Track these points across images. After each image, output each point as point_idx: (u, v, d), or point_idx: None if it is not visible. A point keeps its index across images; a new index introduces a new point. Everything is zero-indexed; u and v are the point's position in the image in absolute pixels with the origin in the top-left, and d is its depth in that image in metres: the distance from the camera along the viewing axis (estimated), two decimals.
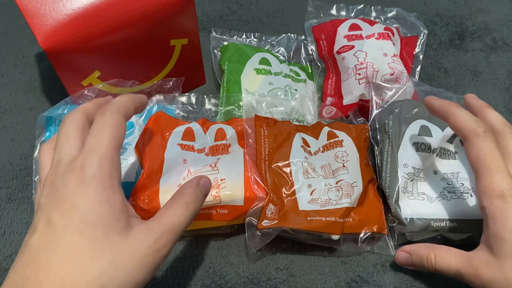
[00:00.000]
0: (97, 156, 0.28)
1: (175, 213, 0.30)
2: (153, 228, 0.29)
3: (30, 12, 0.38)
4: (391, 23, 0.57)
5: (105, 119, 0.30)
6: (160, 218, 0.30)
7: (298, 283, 0.40)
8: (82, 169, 0.28)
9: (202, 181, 0.34)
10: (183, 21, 0.44)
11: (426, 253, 0.36)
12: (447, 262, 0.35)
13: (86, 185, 0.27)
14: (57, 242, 0.26)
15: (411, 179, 0.42)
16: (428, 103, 0.39)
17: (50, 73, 0.53)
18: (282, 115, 0.46)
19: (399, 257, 0.39)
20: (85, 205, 0.27)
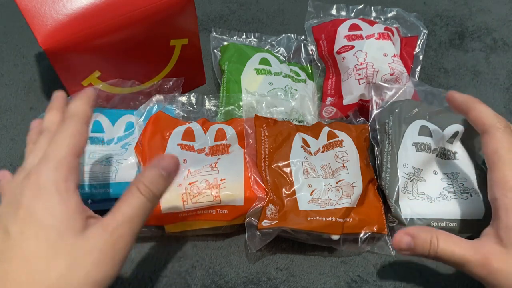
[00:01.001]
0: (53, 161, 0.29)
1: (128, 202, 0.30)
2: (107, 223, 0.29)
3: (30, 12, 0.38)
4: (391, 23, 0.57)
5: (65, 128, 0.31)
6: (114, 212, 0.29)
7: (298, 283, 0.40)
8: (37, 175, 0.28)
9: (163, 162, 0.31)
10: (183, 21, 0.44)
11: (429, 237, 0.34)
12: (451, 248, 0.33)
13: (41, 190, 0.28)
14: (13, 251, 0.27)
15: (411, 179, 0.42)
16: (451, 97, 0.40)
17: (50, 73, 0.53)
18: (282, 115, 0.46)
19: (401, 241, 0.34)
20: (39, 210, 0.27)
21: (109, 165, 0.41)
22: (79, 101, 0.32)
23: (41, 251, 0.26)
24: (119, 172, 0.41)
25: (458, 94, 0.39)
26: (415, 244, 0.34)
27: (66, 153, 0.29)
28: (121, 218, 0.29)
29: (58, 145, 0.30)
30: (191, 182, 0.39)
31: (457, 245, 0.33)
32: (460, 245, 0.33)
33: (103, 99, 0.45)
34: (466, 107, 0.38)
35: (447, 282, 0.40)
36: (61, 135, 0.30)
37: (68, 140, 0.30)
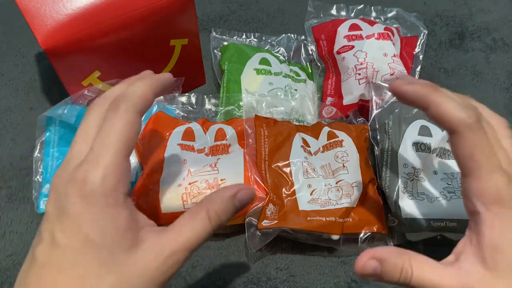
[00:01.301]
0: (100, 168, 0.25)
1: (194, 229, 0.27)
2: (165, 243, 0.26)
3: (30, 12, 0.38)
4: (391, 23, 0.57)
5: (116, 119, 0.26)
6: (176, 232, 0.27)
7: (298, 283, 0.40)
8: (84, 182, 0.25)
9: (240, 193, 0.29)
10: (183, 21, 0.44)
11: (401, 263, 0.27)
12: (428, 277, 0.27)
13: (88, 202, 0.25)
14: (62, 261, 0.25)
15: (411, 179, 0.42)
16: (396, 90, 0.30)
17: (50, 73, 0.53)
18: (282, 115, 0.46)
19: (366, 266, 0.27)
20: (87, 225, 0.25)
21: None
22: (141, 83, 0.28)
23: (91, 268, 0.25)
24: None
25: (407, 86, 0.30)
26: (383, 270, 0.27)
27: (114, 154, 0.26)
28: (182, 243, 0.26)
29: (107, 142, 0.26)
30: (191, 182, 0.39)
31: (435, 273, 0.27)
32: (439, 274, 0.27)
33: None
34: (421, 101, 0.29)
35: None
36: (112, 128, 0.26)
37: (118, 135, 0.26)
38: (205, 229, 0.27)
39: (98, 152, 0.26)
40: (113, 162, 0.26)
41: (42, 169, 0.42)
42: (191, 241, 0.27)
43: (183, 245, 0.26)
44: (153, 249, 0.26)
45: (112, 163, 0.25)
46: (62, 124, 0.43)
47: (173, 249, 0.26)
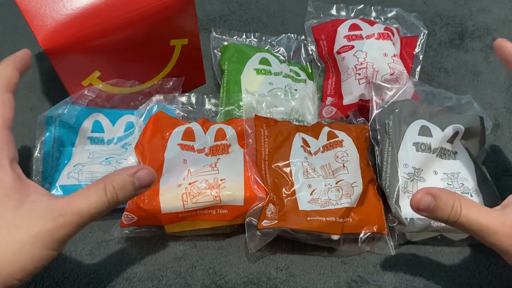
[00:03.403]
0: None
1: (88, 197, 0.29)
2: (55, 206, 0.28)
3: (30, 12, 0.38)
4: (391, 23, 0.57)
5: None
6: (69, 198, 0.29)
7: (298, 283, 0.40)
8: None
9: (140, 172, 0.30)
10: (183, 21, 0.44)
11: (452, 201, 0.31)
12: (475, 216, 0.30)
13: None
14: None
15: (411, 179, 0.42)
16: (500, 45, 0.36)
17: (50, 73, 0.53)
18: (282, 115, 0.46)
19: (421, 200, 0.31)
20: None
21: (109, 165, 0.41)
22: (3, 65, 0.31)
23: None
24: None
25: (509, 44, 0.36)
26: (436, 205, 0.31)
27: None
28: (73, 208, 0.28)
29: None
30: (191, 182, 0.39)
31: (482, 214, 0.30)
32: (485, 215, 0.30)
33: (103, 99, 0.45)
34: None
35: (448, 282, 0.40)
36: None
37: None
38: (100, 200, 0.29)
39: None
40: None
41: (42, 169, 0.42)
42: (83, 208, 0.28)
43: (74, 209, 0.28)
44: (41, 209, 0.28)
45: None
46: (62, 124, 0.43)
47: (62, 211, 0.28)
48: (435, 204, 0.31)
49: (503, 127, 0.51)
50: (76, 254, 0.41)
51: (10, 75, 0.31)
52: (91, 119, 0.44)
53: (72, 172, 0.41)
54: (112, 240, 0.41)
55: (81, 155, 0.42)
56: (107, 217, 0.42)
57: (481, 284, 0.40)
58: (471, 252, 0.42)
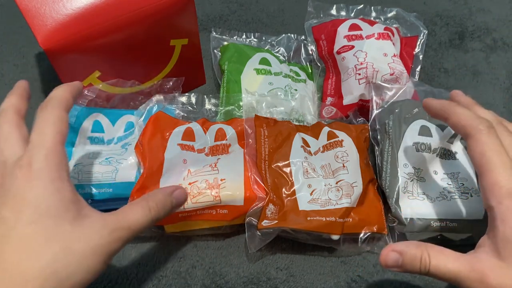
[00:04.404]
0: (42, 150, 0.29)
1: (135, 214, 0.31)
2: (108, 221, 0.29)
3: (30, 12, 0.38)
4: (391, 23, 0.57)
5: (47, 115, 0.31)
6: (119, 214, 0.30)
7: (298, 283, 0.40)
8: (29, 165, 0.28)
9: (177, 192, 0.34)
10: (183, 21, 0.44)
11: (419, 252, 0.31)
12: (444, 263, 0.30)
13: (35, 179, 0.28)
14: (9, 234, 0.27)
15: (411, 179, 0.42)
16: (427, 104, 0.38)
17: (50, 73, 0.53)
18: (282, 115, 0.46)
19: (388, 258, 0.31)
20: (35, 197, 0.27)
21: (109, 165, 0.41)
22: (62, 88, 0.33)
23: (38, 235, 0.27)
24: (119, 172, 0.41)
25: (434, 101, 0.37)
26: (404, 261, 0.31)
27: (53, 141, 0.29)
28: (124, 223, 0.30)
29: (44, 133, 0.30)
30: (191, 182, 0.39)
31: (450, 260, 0.30)
32: (454, 261, 0.30)
33: (103, 99, 0.45)
34: (444, 113, 0.36)
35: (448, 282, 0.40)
36: (45, 122, 0.30)
37: (52, 127, 0.30)
38: (145, 216, 0.31)
39: (37, 141, 0.29)
40: (52, 146, 0.29)
41: None
42: (133, 223, 0.30)
43: (125, 224, 0.30)
44: (97, 223, 0.29)
45: (51, 147, 0.29)
46: None
47: (115, 226, 0.29)
48: (403, 260, 0.31)
49: None
50: None
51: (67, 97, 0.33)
52: (91, 119, 0.44)
53: (72, 172, 0.41)
54: None
55: (81, 155, 0.42)
56: None
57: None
58: None
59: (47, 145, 0.29)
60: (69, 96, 0.33)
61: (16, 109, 0.32)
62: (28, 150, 0.29)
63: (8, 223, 0.27)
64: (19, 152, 0.30)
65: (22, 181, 0.28)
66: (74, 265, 0.27)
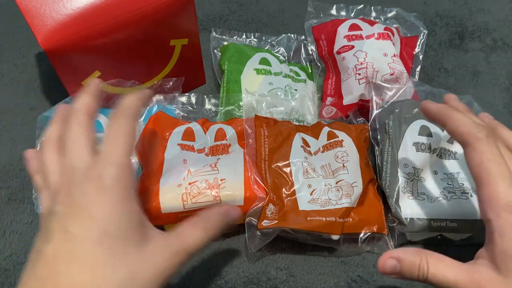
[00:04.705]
0: (114, 165, 0.28)
1: (194, 235, 0.30)
2: (171, 244, 0.29)
3: (30, 12, 0.38)
4: (391, 23, 0.57)
5: (119, 126, 0.30)
6: (179, 236, 0.30)
7: (298, 283, 0.40)
8: (100, 179, 0.27)
9: (232, 212, 0.34)
10: (183, 21, 0.44)
11: (417, 260, 0.30)
12: (442, 272, 0.30)
13: (105, 196, 0.27)
14: (76, 252, 0.26)
15: (411, 179, 0.42)
16: (425, 107, 0.36)
17: (50, 73, 0.53)
18: (282, 115, 0.46)
19: (386, 265, 0.31)
20: (105, 216, 0.27)
21: None
22: (133, 97, 0.32)
23: (105, 258, 0.26)
24: None
25: (431, 104, 0.36)
26: (402, 268, 0.31)
27: (124, 155, 0.29)
28: (185, 248, 0.30)
29: (116, 145, 0.29)
30: (191, 182, 0.39)
31: (449, 269, 0.30)
32: (452, 270, 0.30)
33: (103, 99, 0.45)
34: (442, 117, 0.34)
35: None
36: (117, 134, 0.30)
37: (124, 139, 0.29)
38: (203, 239, 0.31)
39: (109, 154, 0.29)
40: (124, 161, 0.29)
41: None
42: (191, 246, 0.30)
43: (185, 248, 0.29)
44: (160, 247, 0.28)
45: (123, 162, 0.29)
46: None
47: (176, 250, 0.29)
48: (401, 267, 0.31)
49: None
50: None
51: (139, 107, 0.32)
52: None
53: None
54: None
55: None
56: None
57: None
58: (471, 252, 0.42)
59: (119, 160, 0.28)
60: (141, 106, 0.32)
61: (87, 110, 0.32)
62: (99, 162, 0.28)
63: (75, 240, 0.26)
64: (87, 159, 0.29)
65: (91, 196, 0.27)
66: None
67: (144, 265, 0.27)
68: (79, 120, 0.31)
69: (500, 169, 0.30)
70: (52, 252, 0.26)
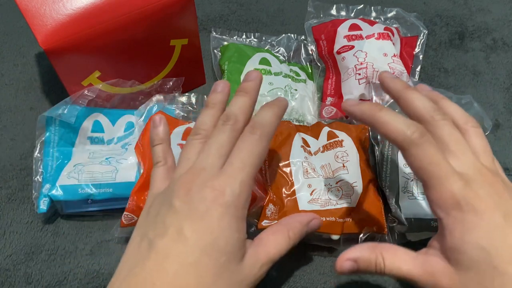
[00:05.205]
0: (239, 183, 0.29)
1: (278, 243, 0.31)
2: (260, 256, 0.30)
3: (30, 12, 0.38)
4: (391, 23, 0.57)
5: (254, 144, 0.31)
6: (265, 246, 0.31)
7: (298, 283, 0.40)
8: (223, 193, 0.28)
9: (313, 222, 0.35)
10: (183, 21, 0.44)
11: (373, 257, 0.31)
12: (397, 266, 0.30)
13: (223, 210, 0.28)
14: (187, 256, 0.27)
15: (411, 179, 0.42)
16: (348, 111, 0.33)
17: (50, 73, 0.53)
18: None
19: (344, 267, 0.31)
20: (219, 230, 0.28)
21: (109, 165, 0.41)
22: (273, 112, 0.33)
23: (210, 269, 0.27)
24: (119, 172, 0.41)
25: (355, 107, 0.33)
26: (359, 267, 0.31)
27: (250, 174, 0.30)
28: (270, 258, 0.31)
29: (245, 163, 0.30)
30: None
31: (403, 263, 0.30)
32: (407, 263, 0.30)
33: (103, 99, 0.45)
34: (369, 120, 0.32)
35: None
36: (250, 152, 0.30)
37: (254, 160, 0.30)
38: (286, 247, 0.32)
39: (237, 169, 0.29)
40: (248, 181, 0.30)
41: (42, 169, 0.42)
42: (276, 255, 0.31)
43: (271, 259, 0.31)
44: (252, 261, 0.30)
45: (247, 182, 0.29)
46: (62, 124, 0.43)
47: (264, 261, 0.30)
48: (358, 266, 0.31)
49: (503, 127, 0.51)
50: (76, 254, 0.41)
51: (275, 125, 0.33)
52: (91, 119, 0.44)
53: (72, 172, 0.41)
54: (112, 240, 0.41)
55: (81, 155, 0.42)
56: (107, 217, 0.42)
57: None
58: None
59: (245, 180, 0.29)
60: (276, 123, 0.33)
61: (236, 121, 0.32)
62: (226, 174, 0.29)
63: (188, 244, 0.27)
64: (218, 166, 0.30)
65: (210, 206, 0.28)
66: None
67: (240, 278, 0.28)
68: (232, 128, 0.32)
69: (441, 170, 0.29)
70: (164, 249, 0.27)
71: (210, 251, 0.27)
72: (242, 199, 0.29)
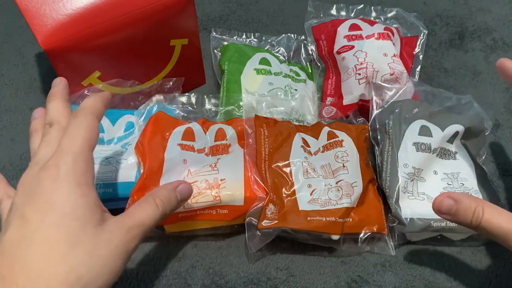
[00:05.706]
0: (71, 154, 0.29)
1: (146, 210, 0.32)
2: (124, 222, 0.30)
3: (30, 12, 0.38)
4: (391, 23, 0.57)
5: (78, 121, 0.31)
6: (131, 214, 0.31)
7: (298, 283, 0.40)
8: (57, 167, 0.29)
9: (180, 187, 0.35)
10: (183, 21, 0.44)
11: (474, 205, 0.32)
12: (497, 220, 0.31)
13: (61, 182, 0.28)
14: (32, 236, 0.27)
15: (411, 179, 0.42)
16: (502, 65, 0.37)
17: (50, 73, 0.53)
18: (282, 115, 0.46)
19: (443, 204, 0.32)
20: (61, 200, 0.28)
21: (109, 165, 0.41)
22: (93, 98, 0.33)
23: (62, 238, 0.27)
24: (119, 172, 0.41)
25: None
26: (458, 209, 0.32)
27: (82, 146, 0.30)
28: (137, 220, 0.31)
29: (74, 138, 0.30)
30: (191, 182, 0.39)
31: (504, 218, 0.31)
32: (507, 219, 0.31)
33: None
34: None
35: (448, 282, 0.40)
36: (76, 128, 0.31)
37: (83, 133, 0.30)
38: (155, 213, 0.32)
39: (67, 145, 0.30)
40: (81, 151, 0.30)
41: None
42: (144, 220, 0.31)
43: (138, 222, 0.31)
44: (115, 225, 0.30)
45: (80, 152, 0.30)
46: None
47: (131, 225, 0.30)
48: (457, 208, 0.32)
49: (503, 127, 0.51)
50: None
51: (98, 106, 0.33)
52: None
53: None
54: None
55: None
56: None
57: (481, 284, 0.40)
58: (471, 252, 0.42)
59: (76, 150, 0.29)
60: (100, 105, 0.33)
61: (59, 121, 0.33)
62: (57, 153, 0.29)
63: (32, 225, 0.27)
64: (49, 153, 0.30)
65: (47, 183, 0.28)
66: (98, 268, 0.27)
67: (102, 243, 0.28)
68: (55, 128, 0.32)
69: None
70: (9, 240, 0.27)
71: (58, 222, 0.27)
72: (79, 167, 0.29)
